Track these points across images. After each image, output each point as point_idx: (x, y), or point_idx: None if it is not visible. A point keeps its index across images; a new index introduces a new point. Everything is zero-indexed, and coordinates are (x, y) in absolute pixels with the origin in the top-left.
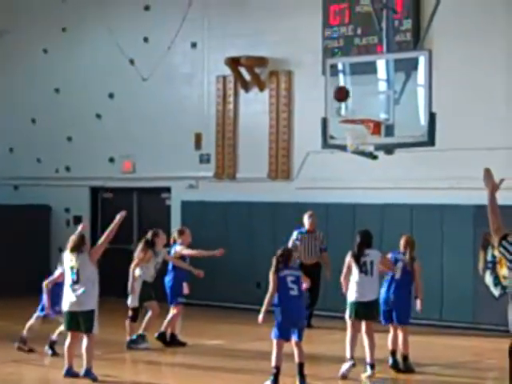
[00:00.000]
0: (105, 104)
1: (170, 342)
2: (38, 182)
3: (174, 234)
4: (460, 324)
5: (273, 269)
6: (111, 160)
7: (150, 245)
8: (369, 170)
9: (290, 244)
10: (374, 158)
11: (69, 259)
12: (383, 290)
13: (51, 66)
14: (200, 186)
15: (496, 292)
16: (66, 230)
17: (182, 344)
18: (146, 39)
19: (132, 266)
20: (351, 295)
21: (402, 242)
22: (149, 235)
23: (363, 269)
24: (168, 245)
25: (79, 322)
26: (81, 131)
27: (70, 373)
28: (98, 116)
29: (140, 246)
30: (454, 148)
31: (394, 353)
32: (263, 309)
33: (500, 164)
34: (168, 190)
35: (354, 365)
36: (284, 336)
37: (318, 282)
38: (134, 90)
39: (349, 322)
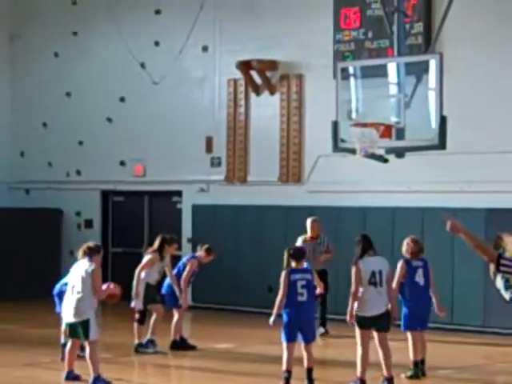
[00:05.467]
0: (116, 108)
1: (181, 345)
2: (50, 186)
3: (203, 247)
4: (471, 327)
5: (285, 268)
6: (122, 163)
7: (160, 248)
8: (380, 174)
9: None
10: (385, 161)
11: (79, 264)
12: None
13: (62, 70)
14: (211, 189)
15: (507, 295)
16: (77, 233)
17: (192, 347)
18: (157, 43)
19: (138, 268)
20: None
21: (412, 245)
22: (167, 237)
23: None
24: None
25: (77, 330)
26: (92, 135)
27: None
28: (109, 120)
29: (154, 245)
30: (465, 151)
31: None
32: (274, 312)
33: (510, 167)
34: (179, 193)
35: None
36: (292, 338)
37: (326, 290)
38: (145, 93)
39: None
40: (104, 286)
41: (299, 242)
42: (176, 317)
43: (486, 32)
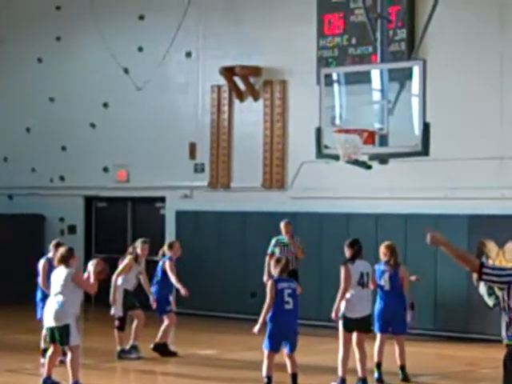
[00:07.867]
0: (99, 113)
1: (162, 351)
2: (33, 192)
3: (165, 246)
4: (453, 333)
5: (272, 280)
6: (105, 169)
7: (133, 253)
8: (363, 180)
9: (268, 251)
10: (369, 167)
11: (56, 271)
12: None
13: (46, 76)
14: (194, 195)
15: (490, 302)
16: (60, 239)
17: (173, 354)
18: (140, 48)
19: (114, 275)
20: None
21: (383, 249)
22: (137, 243)
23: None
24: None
25: (55, 335)
26: (75, 140)
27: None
28: (93, 125)
29: (126, 254)
30: (448, 158)
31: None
32: (260, 320)
33: (493, 174)
34: (162, 199)
35: None
36: (274, 348)
37: None
38: (129, 99)
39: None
40: (85, 275)
41: (273, 242)
42: (166, 322)
43: (468, 39)
